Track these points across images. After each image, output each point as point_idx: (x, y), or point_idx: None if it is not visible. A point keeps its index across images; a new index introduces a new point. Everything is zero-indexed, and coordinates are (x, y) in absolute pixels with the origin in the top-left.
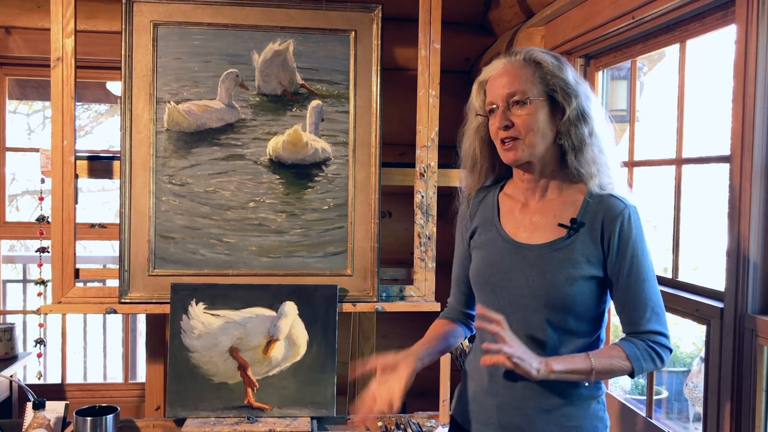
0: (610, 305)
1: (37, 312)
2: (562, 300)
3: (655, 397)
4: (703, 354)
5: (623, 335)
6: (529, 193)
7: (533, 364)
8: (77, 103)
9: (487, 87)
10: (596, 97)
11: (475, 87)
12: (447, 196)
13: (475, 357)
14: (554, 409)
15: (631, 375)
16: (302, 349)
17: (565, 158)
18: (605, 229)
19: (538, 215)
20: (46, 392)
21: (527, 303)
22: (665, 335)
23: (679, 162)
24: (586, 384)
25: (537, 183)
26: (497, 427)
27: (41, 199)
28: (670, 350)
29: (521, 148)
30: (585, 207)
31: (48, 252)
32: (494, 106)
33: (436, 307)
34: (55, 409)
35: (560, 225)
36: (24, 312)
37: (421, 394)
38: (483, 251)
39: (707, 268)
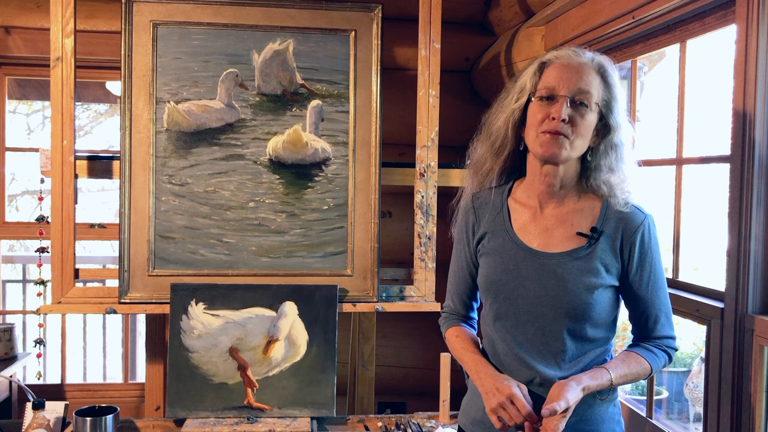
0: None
1: (37, 312)
2: (583, 308)
3: (655, 398)
4: (703, 354)
5: (634, 337)
6: (545, 198)
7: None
8: (77, 103)
9: (548, 71)
10: (633, 124)
11: (534, 66)
12: (447, 196)
13: None
14: (573, 413)
15: (645, 379)
16: (302, 350)
17: (586, 173)
18: (625, 239)
19: (553, 223)
20: (45, 392)
21: (545, 312)
22: (674, 338)
23: (679, 162)
24: (601, 399)
25: (556, 190)
26: None
27: (41, 199)
28: (677, 349)
29: (564, 146)
30: (604, 216)
31: (48, 252)
32: (552, 93)
33: (436, 307)
34: (54, 409)
35: (580, 234)
36: (24, 312)
37: (421, 394)
38: (494, 258)
39: (708, 268)
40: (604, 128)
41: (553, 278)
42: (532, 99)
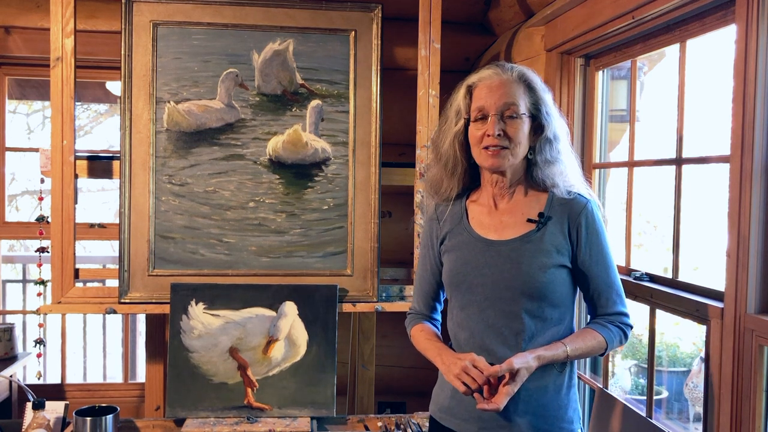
0: (578, 294)
1: (37, 312)
2: (538, 287)
3: (655, 397)
4: (703, 354)
5: (590, 317)
6: (499, 197)
7: (526, 375)
8: (77, 103)
9: (476, 93)
10: (564, 118)
11: (462, 90)
12: None
13: None
14: (531, 399)
15: (602, 354)
16: (302, 349)
17: (531, 169)
18: (572, 223)
19: (507, 215)
20: (45, 392)
21: (503, 294)
22: (628, 315)
23: (679, 162)
24: (559, 371)
25: (507, 189)
26: (477, 420)
27: (41, 199)
28: (632, 327)
29: (506, 157)
30: (550, 203)
31: (48, 252)
32: (484, 113)
33: None
34: (54, 409)
35: (529, 220)
36: (24, 312)
37: (420, 394)
38: (456, 253)
39: (707, 268)
40: (538, 127)
41: (508, 262)
42: (470, 121)
